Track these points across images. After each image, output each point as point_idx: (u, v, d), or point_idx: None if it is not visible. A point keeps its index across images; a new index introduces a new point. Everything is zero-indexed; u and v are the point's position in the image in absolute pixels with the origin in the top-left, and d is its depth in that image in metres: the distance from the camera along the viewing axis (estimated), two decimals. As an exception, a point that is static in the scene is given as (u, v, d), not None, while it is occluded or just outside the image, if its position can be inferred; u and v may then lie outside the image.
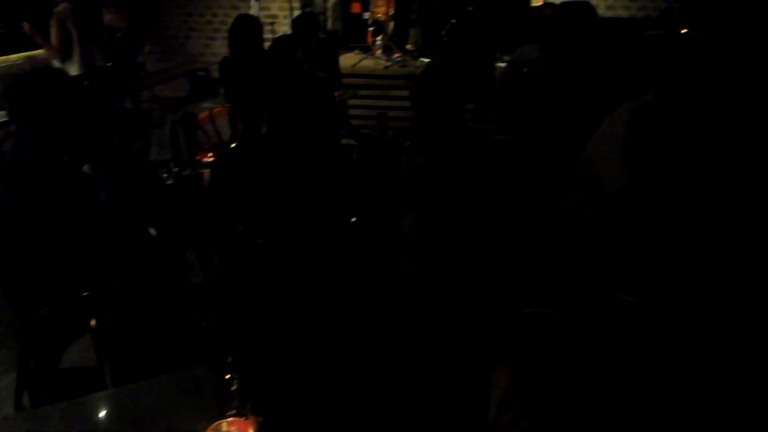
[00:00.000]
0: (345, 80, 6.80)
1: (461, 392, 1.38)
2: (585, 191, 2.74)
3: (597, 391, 1.72)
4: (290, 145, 2.57)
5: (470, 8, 7.70)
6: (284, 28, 9.16)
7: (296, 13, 8.34)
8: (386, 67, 7.99)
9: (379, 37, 8.55)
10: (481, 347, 1.36)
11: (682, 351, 2.10)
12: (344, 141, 5.00)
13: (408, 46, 8.59)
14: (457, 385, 1.40)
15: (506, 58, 7.57)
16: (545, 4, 6.87)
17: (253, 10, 9.19)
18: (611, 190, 2.56)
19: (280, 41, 5.21)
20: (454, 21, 5.84)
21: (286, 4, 9.29)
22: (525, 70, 4.47)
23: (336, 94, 5.67)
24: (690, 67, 2.51)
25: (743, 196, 2.71)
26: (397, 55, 8.23)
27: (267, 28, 7.30)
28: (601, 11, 8.55)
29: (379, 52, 8.42)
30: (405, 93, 5.98)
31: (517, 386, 1.23)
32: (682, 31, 6.09)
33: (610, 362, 1.90)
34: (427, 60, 7.64)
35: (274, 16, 9.74)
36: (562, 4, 4.45)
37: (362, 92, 7.04)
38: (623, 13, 8.70)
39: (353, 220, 2.63)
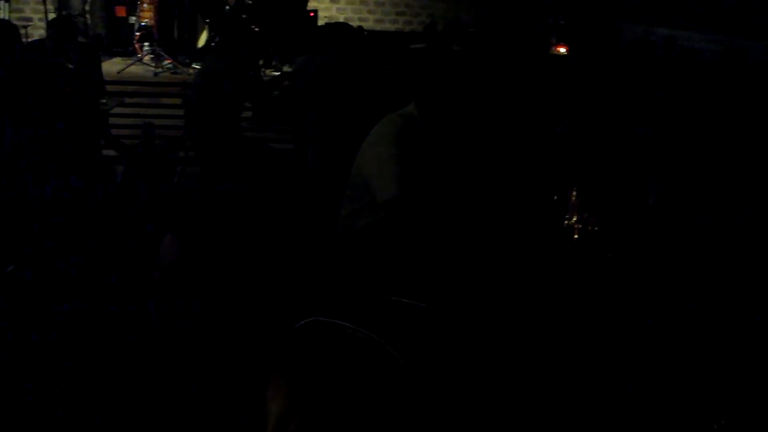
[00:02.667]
0: (110, 88, 6.36)
1: (234, 413, 1.31)
2: (357, 201, 2.79)
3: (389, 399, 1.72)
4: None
5: (243, 15, 7.62)
6: (39, 32, 8.38)
7: (52, 16, 7.67)
8: (156, 74, 7.63)
9: (147, 43, 8.15)
10: (251, 365, 1.29)
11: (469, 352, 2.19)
12: (105, 152, 4.65)
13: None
14: (229, 406, 1.32)
15: (285, 68, 7.61)
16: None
17: (2, 13, 8.32)
18: (382, 199, 2.63)
19: (31, 47, 4.74)
20: (226, 27, 5.72)
21: (41, 7, 8.51)
22: (301, 78, 4.50)
23: (101, 102, 5.28)
24: (446, 79, 2.67)
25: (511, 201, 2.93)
26: (167, 61, 7.88)
27: (21, 32, 6.62)
28: (371, 24, 8.88)
29: (147, 58, 8.02)
30: (178, 101, 5.74)
31: (294, 405, 1.18)
32: (443, 45, 6.49)
33: (399, 368, 1.91)
34: (199, 67, 7.40)
35: (28, 20, 8.89)
36: (326, 24, 4.72)
37: (130, 100, 6.64)
38: (391, 27, 9.10)
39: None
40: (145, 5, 8.24)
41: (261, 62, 7.62)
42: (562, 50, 7.12)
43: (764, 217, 2.96)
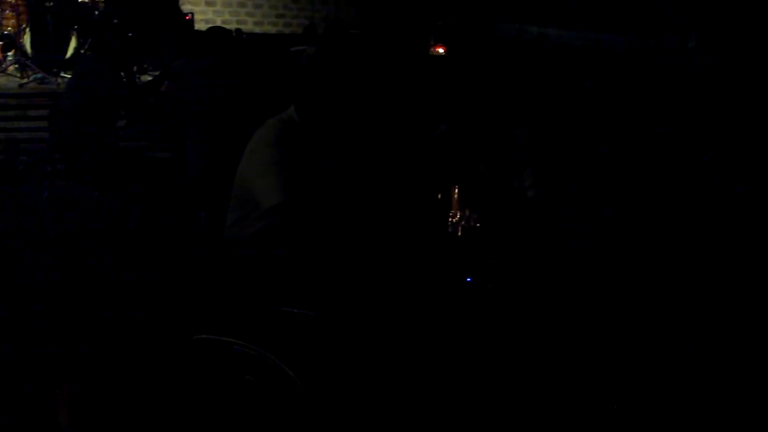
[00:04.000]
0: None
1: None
2: (242, 209, 2.74)
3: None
4: None
5: (114, 21, 7.30)
6: None
7: None
8: (21, 85, 7.17)
9: (10, 52, 7.65)
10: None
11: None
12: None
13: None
14: None
15: (160, 73, 7.34)
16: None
17: None
18: (267, 206, 2.60)
19: None
20: (97, 33, 5.47)
21: None
22: (178, 83, 4.38)
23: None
24: (323, 81, 2.67)
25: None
26: (34, 73, 7.43)
27: None
28: (250, 27, 8.74)
29: (12, 68, 7.53)
30: (45, 112, 5.43)
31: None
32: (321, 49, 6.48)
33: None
34: (69, 76, 7.03)
35: None
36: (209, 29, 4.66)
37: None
38: (271, 29, 8.99)
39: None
40: (7, 12, 7.73)
41: (135, 68, 7.33)
42: (441, 50, 7.27)
43: (634, 210, 3.14)
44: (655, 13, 7.37)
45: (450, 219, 2.87)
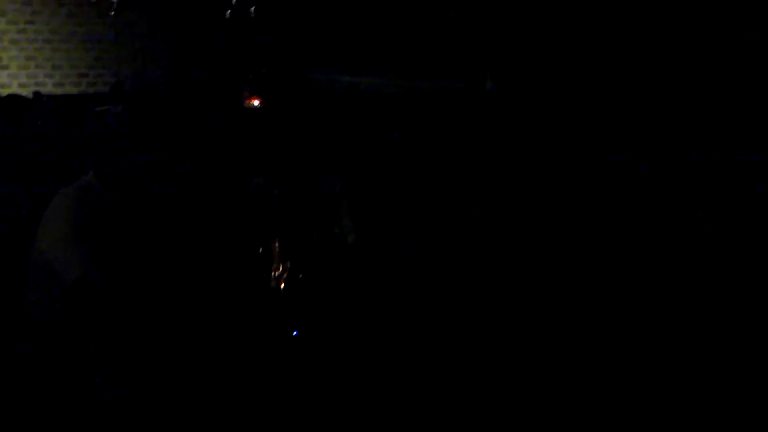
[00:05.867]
0: None
1: None
2: (44, 286, 2.50)
3: None
4: None
5: None
6: None
7: None
8: None
9: None
10: None
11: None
12: None
13: None
14: None
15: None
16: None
17: None
18: (68, 281, 2.40)
19: None
20: None
21: None
22: None
23: None
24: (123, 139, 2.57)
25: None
26: None
27: None
28: (49, 89, 8.24)
29: None
30: None
31: None
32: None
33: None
34: None
35: None
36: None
37: None
38: (74, 90, 8.52)
39: None
40: None
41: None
42: (256, 102, 7.25)
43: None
44: (455, 59, 7.88)
45: (273, 273, 2.83)
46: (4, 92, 7.39)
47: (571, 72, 6.43)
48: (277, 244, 2.92)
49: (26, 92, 7.65)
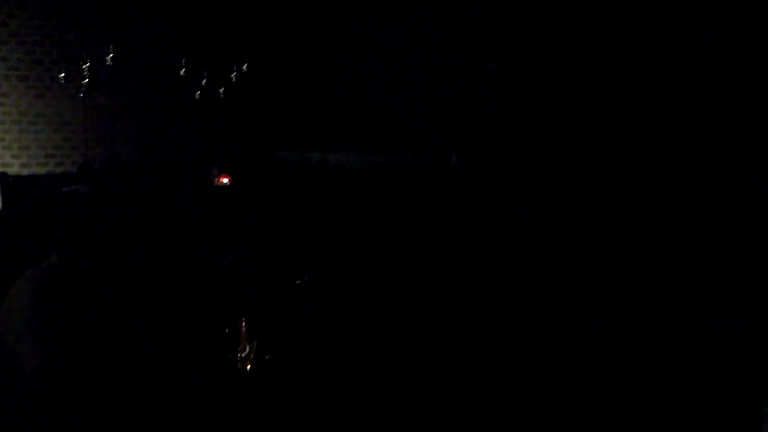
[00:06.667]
0: None
1: None
2: (4, 371, 2.44)
3: None
4: None
5: None
6: None
7: None
8: None
9: None
10: None
11: None
12: None
13: None
14: None
15: None
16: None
17: None
18: (30, 368, 2.34)
19: None
20: None
21: None
22: None
23: None
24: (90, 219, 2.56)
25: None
26: None
27: None
28: (16, 169, 8.20)
29: None
30: None
31: None
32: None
33: None
34: None
35: None
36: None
37: None
38: (41, 170, 8.48)
39: None
40: None
41: None
42: (225, 180, 7.29)
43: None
44: (420, 135, 8.06)
45: (239, 354, 2.79)
46: (-29, 173, 7.33)
47: (536, 146, 6.61)
48: (243, 323, 2.89)
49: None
